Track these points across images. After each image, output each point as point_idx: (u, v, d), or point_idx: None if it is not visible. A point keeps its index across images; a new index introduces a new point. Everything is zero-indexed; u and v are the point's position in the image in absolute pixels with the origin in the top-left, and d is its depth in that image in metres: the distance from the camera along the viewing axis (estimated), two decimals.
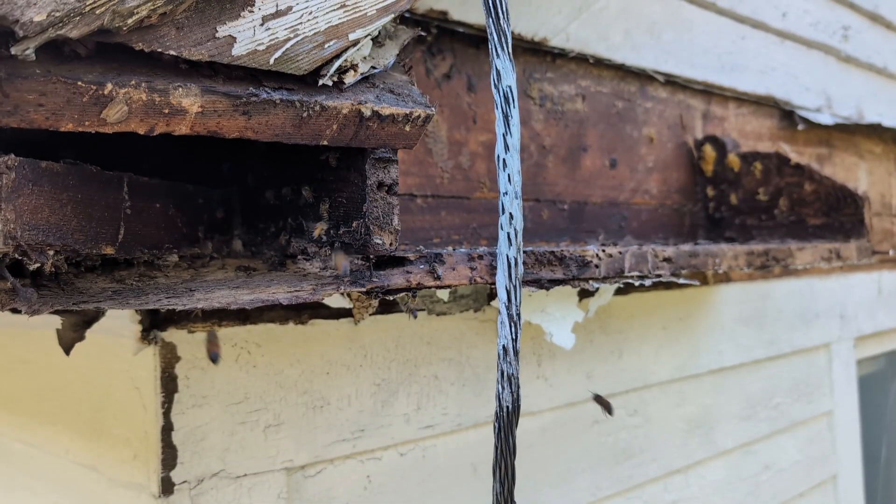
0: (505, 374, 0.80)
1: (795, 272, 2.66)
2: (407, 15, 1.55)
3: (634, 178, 2.17)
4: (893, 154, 3.39)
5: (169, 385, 1.20)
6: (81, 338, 1.03)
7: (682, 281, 1.42)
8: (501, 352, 0.81)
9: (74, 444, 1.40)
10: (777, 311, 2.56)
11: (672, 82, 2.28)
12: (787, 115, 2.73)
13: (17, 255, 0.73)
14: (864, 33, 3.11)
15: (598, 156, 2.05)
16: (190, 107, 0.78)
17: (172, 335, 1.20)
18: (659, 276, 1.38)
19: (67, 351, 1.03)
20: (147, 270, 0.98)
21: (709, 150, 2.35)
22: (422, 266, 1.10)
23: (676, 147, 2.31)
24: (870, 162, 3.23)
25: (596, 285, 1.26)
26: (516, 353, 0.81)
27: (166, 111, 0.77)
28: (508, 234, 0.79)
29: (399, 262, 1.09)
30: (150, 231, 0.96)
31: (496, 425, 0.82)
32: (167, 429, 1.20)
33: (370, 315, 1.35)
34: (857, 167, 3.19)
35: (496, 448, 0.82)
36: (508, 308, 0.79)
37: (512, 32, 1.78)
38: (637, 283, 1.33)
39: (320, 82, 0.88)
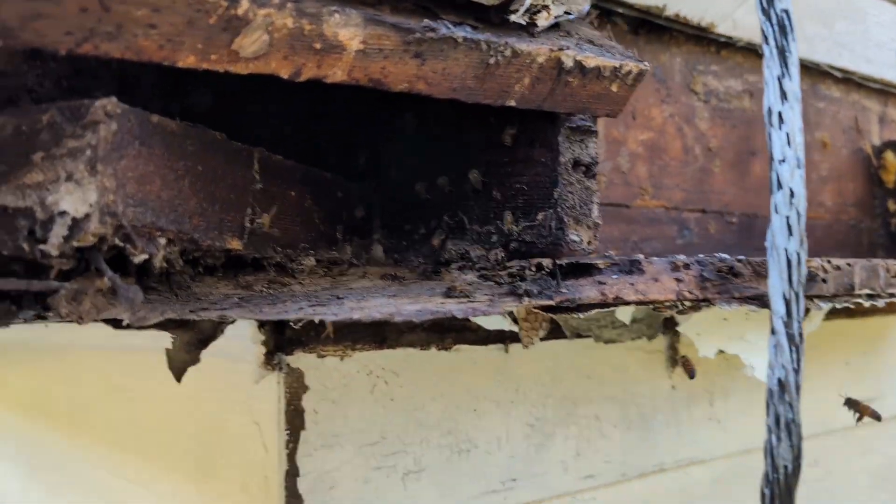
0: (781, 419, 0.55)
1: None
2: None
3: (808, 188, 1.86)
4: None
5: (295, 421, 0.99)
6: (196, 360, 0.84)
7: None
8: (776, 388, 0.56)
9: (181, 487, 1.21)
10: None
11: (847, 80, 1.98)
12: None
13: (117, 242, 0.53)
14: None
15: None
16: (349, 42, 0.57)
17: (300, 360, 0.99)
18: (893, 294, 1.09)
19: (179, 376, 0.84)
20: (277, 276, 0.78)
21: (891, 158, 2.03)
22: (615, 276, 0.85)
23: (852, 154, 2.00)
24: None
25: (822, 305, 0.98)
26: (798, 389, 0.56)
27: (318, 46, 0.56)
28: (788, 218, 0.55)
29: (585, 270, 0.85)
30: (284, 225, 0.75)
31: (766, 493, 0.57)
32: (292, 474, 0.99)
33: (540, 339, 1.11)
34: None
35: None
36: (788, 325, 0.55)
37: (676, 14, 1.54)
38: (868, 304, 1.05)
39: (512, 19, 0.65)
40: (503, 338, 1.18)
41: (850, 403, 1.17)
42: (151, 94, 0.82)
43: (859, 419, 1.18)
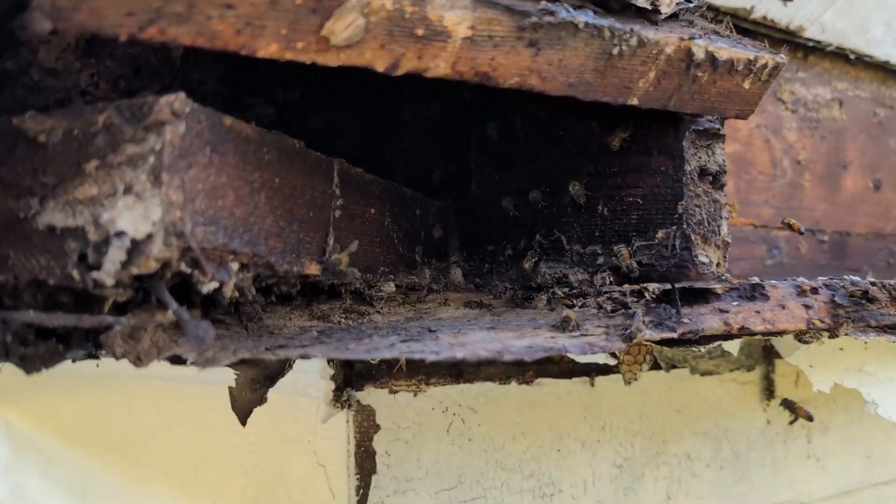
0: None
1: None
2: None
3: None
4: None
5: (365, 464, 0.90)
6: (262, 400, 0.75)
7: None
8: None
9: None
10: None
11: None
12: None
13: (183, 268, 0.44)
14: None
15: (859, 175, 1.64)
16: (455, 27, 0.48)
17: (370, 395, 0.90)
18: None
19: (244, 419, 0.75)
20: (354, 304, 0.68)
21: None
22: (735, 303, 0.74)
23: None
24: None
25: None
26: None
27: (420, 32, 0.47)
28: None
29: (701, 295, 0.74)
30: (364, 246, 0.66)
31: None
32: None
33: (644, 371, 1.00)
34: None
35: None
36: None
37: (763, 17, 1.43)
38: None
39: (639, 3, 0.56)
40: (588, 370, 1.08)
41: (787, 404, 1.09)
42: (213, 105, 0.74)
43: (793, 420, 1.10)
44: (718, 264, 0.65)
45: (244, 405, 0.71)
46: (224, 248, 0.46)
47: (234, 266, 0.48)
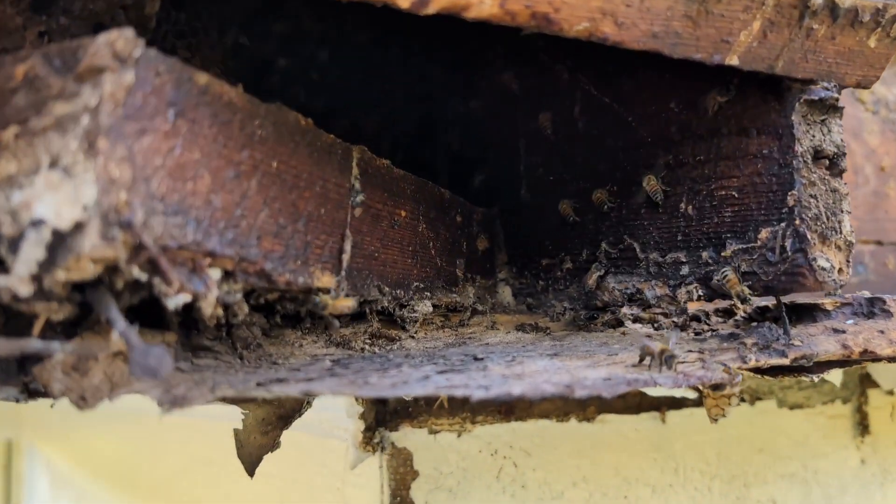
0: None
1: None
2: None
3: None
4: None
5: None
6: (274, 445, 0.62)
7: None
8: None
9: None
10: None
11: None
12: None
13: (136, 274, 0.32)
14: None
15: None
16: None
17: (407, 436, 0.78)
18: None
19: (251, 469, 0.63)
20: (383, 326, 0.56)
21: None
22: (850, 321, 0.60)
23: None
24: None
25: None
26: None
27: None
28: None
29: (807, 312, 0.60)
30: (392, 255, 0.54)
31: None
32: None
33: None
34: None
35: None
36: None
37: None
38: None
39: None
40: (659, 404, 0.94)
41: None
42: None
43: None
44: (840, 270, 0.51)
45: (252, 452, 0.59)
46: (196, 247, 0.34)
47: (214, 273, 0.36)
